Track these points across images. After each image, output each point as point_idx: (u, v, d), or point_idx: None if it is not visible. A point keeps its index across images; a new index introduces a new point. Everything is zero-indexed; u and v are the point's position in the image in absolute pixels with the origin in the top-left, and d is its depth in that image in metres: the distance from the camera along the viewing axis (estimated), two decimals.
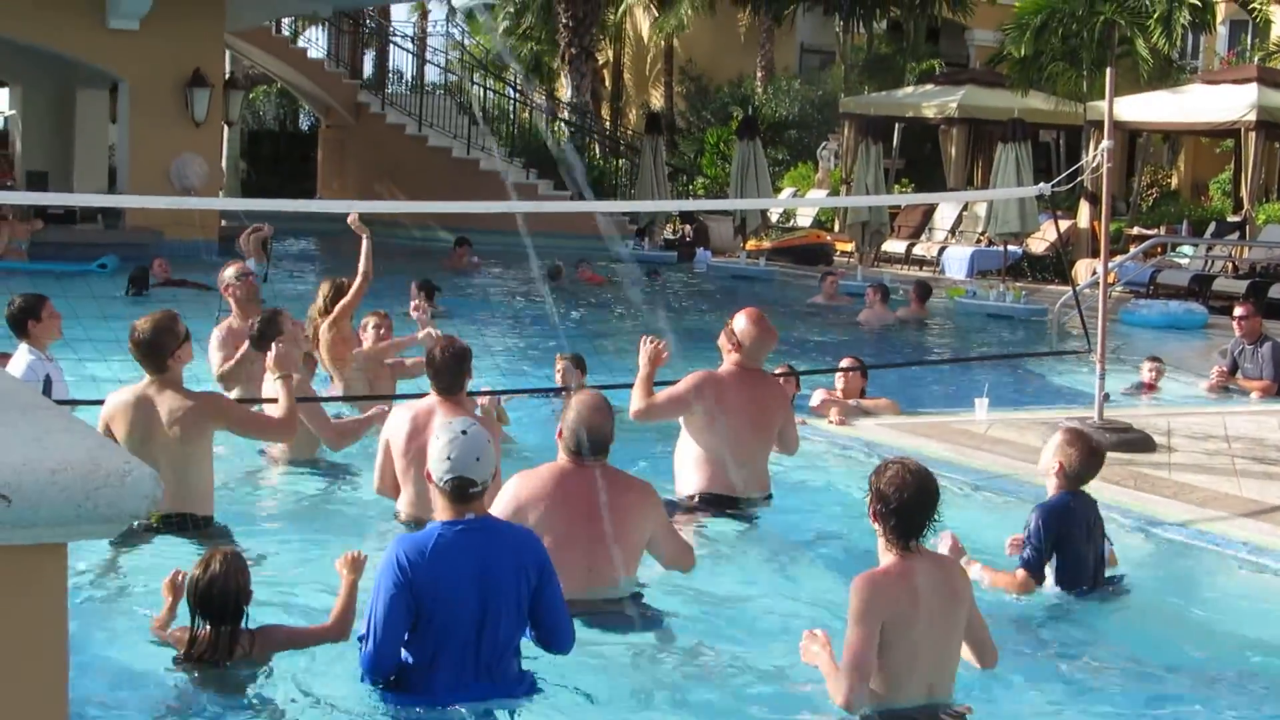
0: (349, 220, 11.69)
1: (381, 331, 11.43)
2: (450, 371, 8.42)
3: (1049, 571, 7.83)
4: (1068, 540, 7.81)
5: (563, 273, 25.85)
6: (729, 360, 9.37)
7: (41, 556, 2.84)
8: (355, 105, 38.24)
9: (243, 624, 6.16)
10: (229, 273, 11.42)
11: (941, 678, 6.05)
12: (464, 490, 5.78)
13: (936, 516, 5.96)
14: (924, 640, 5.91)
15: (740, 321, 9.38)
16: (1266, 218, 29.51)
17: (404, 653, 5.77)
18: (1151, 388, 15.67)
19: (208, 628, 6.10)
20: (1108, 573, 8.10)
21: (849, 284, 25.20)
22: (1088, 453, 7.97)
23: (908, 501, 5.86)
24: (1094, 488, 10.01)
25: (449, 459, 5.78)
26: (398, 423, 8.56)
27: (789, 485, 9.95)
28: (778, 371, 13.04)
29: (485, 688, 5.79)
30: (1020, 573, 7.76)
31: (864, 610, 5.81)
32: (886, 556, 5.98)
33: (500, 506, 6.84)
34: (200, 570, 6.12)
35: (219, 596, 6.07)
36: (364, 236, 11.58)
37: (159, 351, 7.96)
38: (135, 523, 3.31)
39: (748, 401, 9.21)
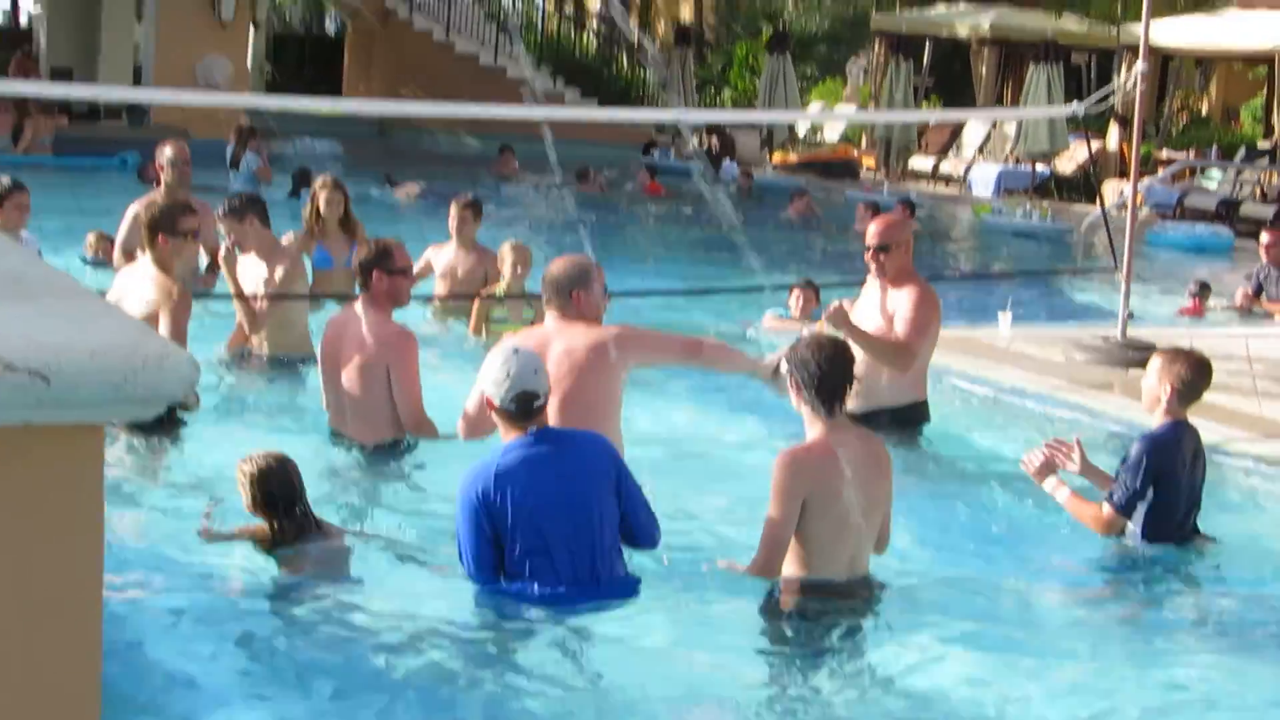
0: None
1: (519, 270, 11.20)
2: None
3: (1139, 517, 7.21)
4: (1169, 476, 7.18)
5: (590, 175, 25.82)
6: None
7: (79, 437, 2.89)
8: (382, 10, 38.01)
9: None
10: (167, 152, 11.42)
11: (863, 551, 6.23)
12: (529, 404, 5.82)
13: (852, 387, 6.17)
14: (849, 514, 6.04)
15: None
16: None
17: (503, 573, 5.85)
18: (1197, 310, 15.73)
19: (281, 516, 6.22)
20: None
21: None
22: (1195, 364, 7.25)
23: (827, 368, 6.04)
24: (1114, 404, 10.14)
25: (508, 376, 5.81)
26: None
27: None
28: (796, 284, 13.08)
29: (591, 591, 5.86)
30: (1108, 510, 7.18)
31: (786, 488, 6.00)
32: (813, 430, 6.14)
33: None
34: (253, 468, 6.21)
35: (281, 484, 6.18)
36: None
37: (151, 228, 8.19)
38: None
39: None
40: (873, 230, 9.02)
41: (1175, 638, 6.48)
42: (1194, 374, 7.22)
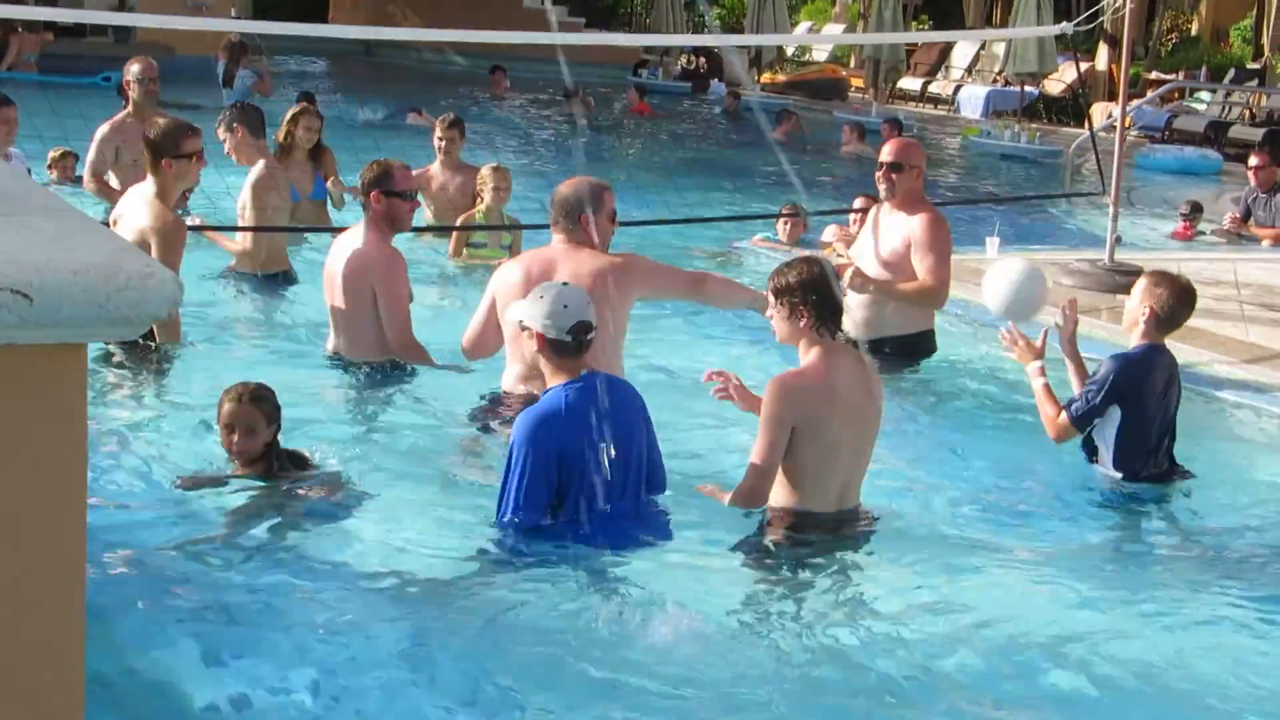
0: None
1: (500, 194, 11.10)
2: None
3: (1109, 441, 7.14)
4: (1135, 397, 7.06)
5: (577, 94, 25.70)
6: None
7: (62, 356, 2.87)
8: None
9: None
10: (134, 69, 11.32)
11: (854, 479, 6.16)
12: (583, 336, 5.76)
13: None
14: (839, 441, 5.99)
15: None
16: None
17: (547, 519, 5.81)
18: (1187, 233, 15.72)
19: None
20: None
21: (864, 120, 25.00)
22: (1179, 290, 7.11)
23: (825, 287, 6.00)
24: (1102, 329, 10.13)
25: (564, 308, 5.76)
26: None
27: None
28: (784, 210, 13.04)
29: (637, 529, 5.86)
30: (1063, 418, 7.12)
31: (776, 414, 5.91)
32: (809, 355, 6.05)
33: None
34: (229, 402, 6.17)
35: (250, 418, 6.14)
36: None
37: (154, 150, 8.01)
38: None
39: None
40: (888, 149, 8.98)
41: (1148, 566, 6.43)
42: (1175, 300, 7.09)
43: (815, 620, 5.50)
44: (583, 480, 5.73)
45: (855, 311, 8.62)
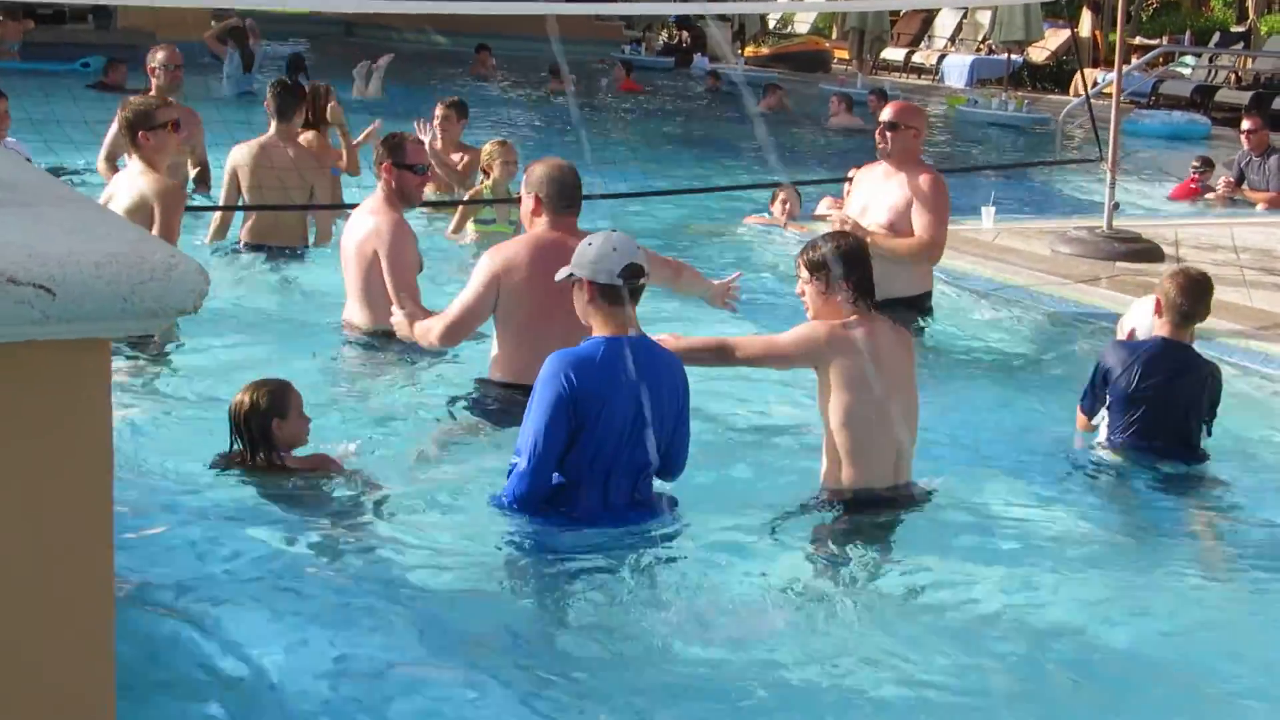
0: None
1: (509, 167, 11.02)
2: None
3: (1105, 414, 7.09)
4: (1120, 385, 6.96)
5: (559, 71, 25.59)
6: None
7: (85, 351, 2.78)
8: None
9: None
10: (159, 56, 11.28)
11: (905, 451, 6.05)
12: (636, 279, 5.57)
13: None
14: (888, 413, 5.90)
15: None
16: (1269, 29, 29.15)
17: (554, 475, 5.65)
18: (1195, 188, 15.77)
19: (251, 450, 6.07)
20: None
21: (850, 91, 24.89)
22: (1184, 286, 6.99)
23: (857, 257, 5.99)
24: (1102, 297, 10.08)
25: (614, 249, 5.57)
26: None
27: None
28: (778, 189, 12.93)
29: (631, 512, 5.72)
30: (1079, 407, 7.24)
31: (801, 340, 6.01)
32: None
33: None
34: (237, 404, 6.08)
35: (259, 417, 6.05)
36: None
37: (129, 127, 8.16)
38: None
39: None
40: (889, 109, 9.24)
41: (1147, 537, 6.42)
42: (1179, 294, 6.99)
43: (878, 602, 5.44)
44: (593, 438, 5.61)
45: None
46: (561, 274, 5.73)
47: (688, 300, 8.41)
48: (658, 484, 5.88)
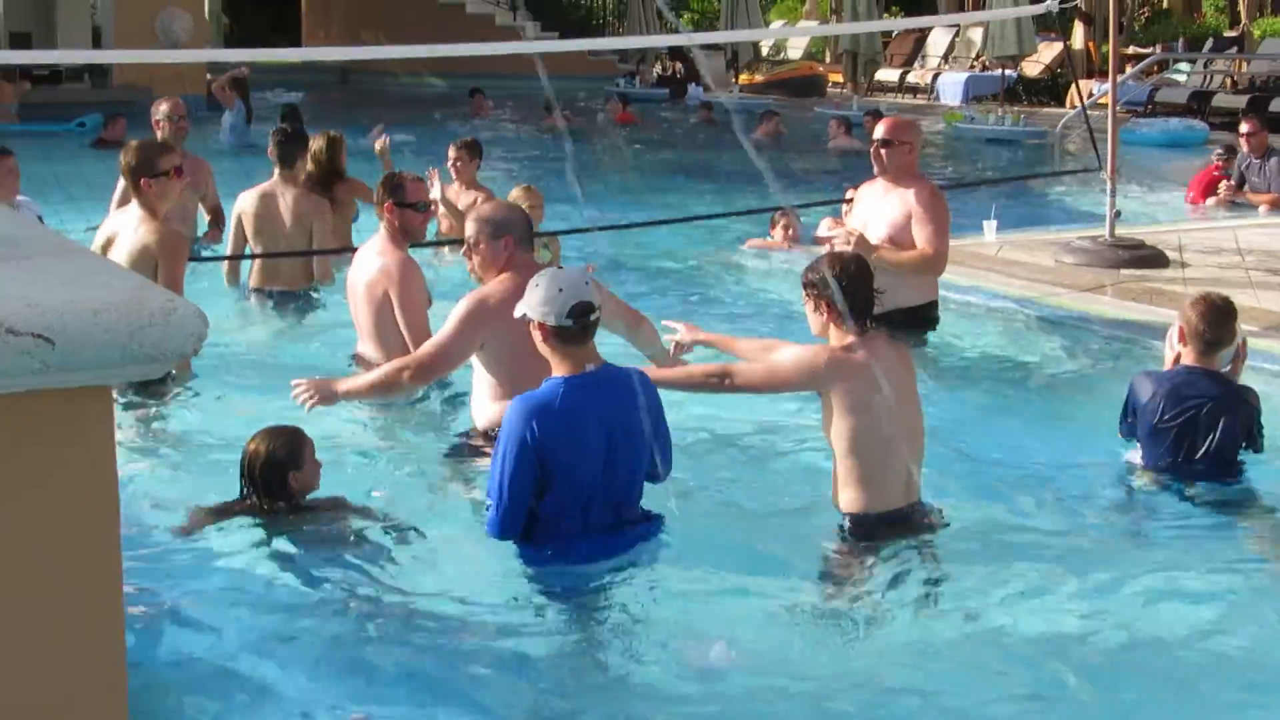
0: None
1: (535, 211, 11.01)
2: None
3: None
4: (1158, 420, 6.83)
5: (553, 106, 25.62)
6: None
7: (87, 399, 2.78)
8: None
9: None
10: (163, 108, 11.30)
11: (915, 470, 6.03)
12: (586, 317, 5.49)
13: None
14: (893, 430, 5.86)
15: None
16: (1263, 32, 29.17)
17: (533, 508, 5.59)
18: (1219, 175, 15.82)
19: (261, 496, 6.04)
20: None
21: (847, 114, 24.90)
22: (1204, 311, 6.85)
23: (856, 283, 5.95)
24: (1110, 304, 10.05)
25: (560, 290, 5.50)
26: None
27: None
28: (778, 215, 12.91)
29: (615, 534, 5.69)
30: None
31: (806, 365, 6.00)
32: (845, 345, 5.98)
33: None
34: (250, 453, 6.05)
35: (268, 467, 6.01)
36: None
37: (131, 173, 8.20)
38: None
39: None
40: (881, 126, 9.25)
41: (1158, 541, 6.40)
42: (1202, 321, 6.85)
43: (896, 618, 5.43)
44: (567, 478, 5.56)
45: None
46: (518, 311, 5.70)
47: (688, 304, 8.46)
48: (651, 492, 5.87)
